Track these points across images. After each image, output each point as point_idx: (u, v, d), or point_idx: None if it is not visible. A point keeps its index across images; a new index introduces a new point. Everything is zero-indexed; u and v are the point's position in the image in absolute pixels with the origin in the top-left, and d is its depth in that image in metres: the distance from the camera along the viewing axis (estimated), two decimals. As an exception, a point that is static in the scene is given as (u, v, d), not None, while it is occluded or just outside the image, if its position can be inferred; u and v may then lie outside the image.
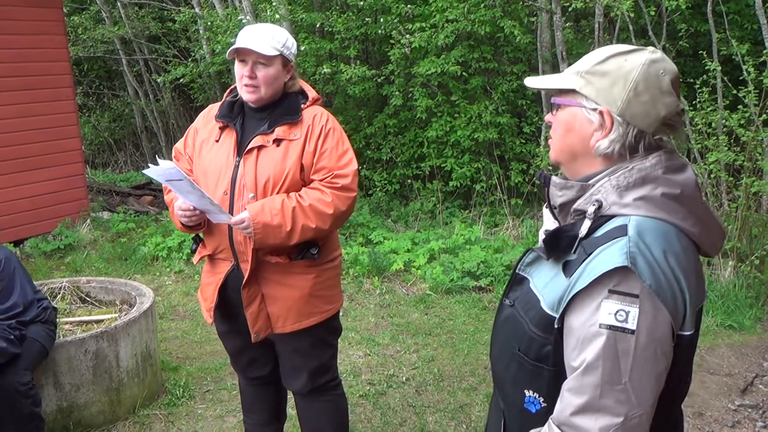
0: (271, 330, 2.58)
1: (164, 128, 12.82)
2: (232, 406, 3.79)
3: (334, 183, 2.45)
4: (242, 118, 2.54)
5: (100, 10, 12.85)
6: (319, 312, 2.60)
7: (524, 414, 1.44)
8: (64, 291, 4.19)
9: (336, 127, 2.53)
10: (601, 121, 1.35)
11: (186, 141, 2.69)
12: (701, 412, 3.71)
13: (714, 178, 5.63)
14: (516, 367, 1.43)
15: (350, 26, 8.23)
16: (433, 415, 3.70)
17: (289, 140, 2.45)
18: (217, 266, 2.62)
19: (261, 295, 2.54)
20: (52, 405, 3.41)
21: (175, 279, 6.11)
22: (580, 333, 1.27)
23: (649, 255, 1.25)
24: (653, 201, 1.31)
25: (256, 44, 2.40)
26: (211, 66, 10.29)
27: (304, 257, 2.52)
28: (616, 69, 1.34)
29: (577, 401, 1.26)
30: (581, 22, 8.97)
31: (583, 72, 1.37)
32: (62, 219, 7.24)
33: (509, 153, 7.93)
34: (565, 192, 1.39)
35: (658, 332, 1.25)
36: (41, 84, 7.08)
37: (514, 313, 1.46)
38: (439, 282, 5.57)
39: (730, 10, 7.09)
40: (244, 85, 2.47)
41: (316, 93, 2.61)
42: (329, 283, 2.64)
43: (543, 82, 1.47)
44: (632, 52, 1.36)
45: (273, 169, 2.43)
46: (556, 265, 1.39)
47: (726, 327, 4.75)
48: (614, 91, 1.33)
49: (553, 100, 1.45)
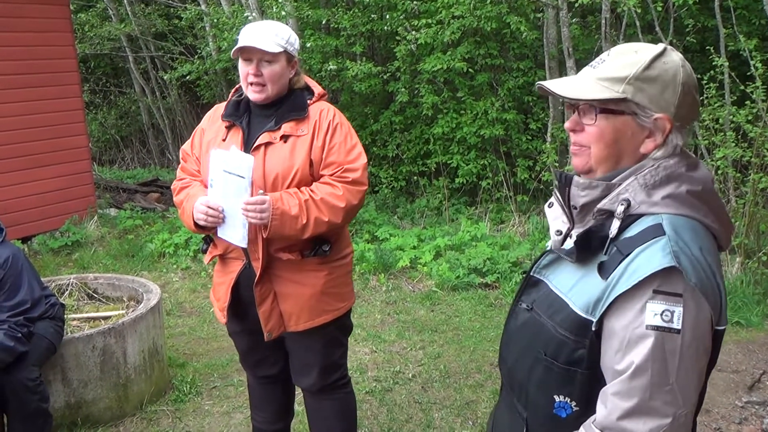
0: (283, 328, 2.57)
1: (171, 125, 12.84)
2: (239, 403, 3.80)
3: (344, 177, 2.44)
4: (248, 116, 2.53)
5: (106, 7, 12.87)
6: (331, 309, 2.59)
7: (553, 420, 1.40)
8: (71, 287, 4.21)
9: (343, 122, 2.52)
10: (655, 127, 1.33)
11: (193, 142, 2.68)
12: (708, 409, 3.70)
13: (721, 174, 5.61)
14: (542, 372, 1.40)
15: (356, 23, 8.22)
16: (440, 411, 3.71)
17: (296, 136, 2.44)
18: (228, 265, 2.61)
19: (273, 293, 2.53)
20: (60, 401, 3.43)
21: (182, 276, 6.13)
22: (624, 335, 1.25)
23: (689, 253, 1.25)
24: (679, 198, 1.31)
25: (260, 42, 2.39)
26: (217, 63, 10.29)
27: (316, 254, 2.50)
28: (663, 73, 1.32)
29: (626, 405, 1.24)
30: (588, 18, 8.93)
31: (630, 79, 1.32)
32: (70, 216, 7.27)
33: (515, 149, 7.91)
34: (589, 192, 1.37)
35: (700, 329, 1.25)
36: (48, 81, 7.10)
37: (534, 316, 1.43)
38: (445, 279, 5.57)
39: (737, 5, 7.04)
40: (250, 84, 2.45)
41: (321, 88, 2.60)
42: (341, 280, 2.63)
43: (580, 91, 1.37)
44: (664, 53, 1.34)
45: (281, 165, 2.42)
46: (582, 267, 1.36)
47: (733, 324, 4.74)
48: (666, 96, 1.32)
49: (597, 109, 1.36)
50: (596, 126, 1.36)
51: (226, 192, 2.40)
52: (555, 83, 1.41)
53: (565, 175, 1.42)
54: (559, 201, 1.46)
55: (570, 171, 1.46)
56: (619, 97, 1.33)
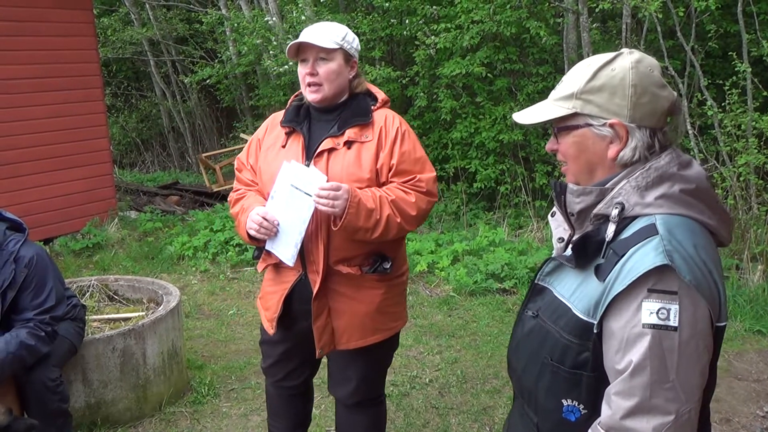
0: (333, 346, 2.47)
1: (191, 129, 12.95)
2: (257, 405, 3.82)
3: (418, 186, 2.35)
4: (308, 122, 2.44)
5: (129, 12, 13.03)
6: (384, 329, 2.50)
7: (563, 424, 1.42)
8: (92, 289, 4.25)
9: (410, 130, 2.43)
10: (613, 133, 1.37)
11: (249, 151, 2.59)
12: (728, 418, 3.66)
13: (743, 181, 5.55)
14: (550, 377, 1.42)
15: (375, 27, 8.25)
16: (456, 417, 3.70)
17: (360, 142, 2.35)
18: (283, 275, 2.50)
19: (328, 308, 2.43)
20: (80, 401, 3.47)
21: (201, 278, 6.17)
22: (622, 335, 1.28)
23: (683, 251, 1.27)
24: (673, 198, 1.34)
25: (314, 38, 2.31)
26: (237, 67, 10.38)
27: (376, 271, 2.41)
28: (609, 80, 1.36)
29: (628, 404, 1.26)
30: (608, 23, 8.89)
31: (576, 94, 1.38)
32: (91, 218, 7.35)
33: (534, 155, 7.89)
34: (584, 198, 1.41)
35: (699, 326, 1.26)
36: (72, 85, 7.20)
37: (540, 323, 1.46)
38: (463, 284, 5.56)
39: (760, 11, 6.98)
40: (307, 85, 2.37)
41: (384, 95, 2.50)
42: (397, 299, 2.55)
43: (536, 116, 1.46)
44: (614, 60, 1.38)
45: (345, 172, 2.31)
46: (582, 272, 1.39)
47: (755, 332, 4.68)
48: (616, 102, 1.36)
49: (555, 129, 1.45)
50: (561, 143, 1.45)
51: (287, 206, 2.32)
52: (519, 114, 1.50)
53: (559, 184, 1.47)
54: (560, 209, 1.50)
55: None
56: (569, 113, 1.40)
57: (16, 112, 6.73)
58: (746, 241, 5.48)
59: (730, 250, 5.55)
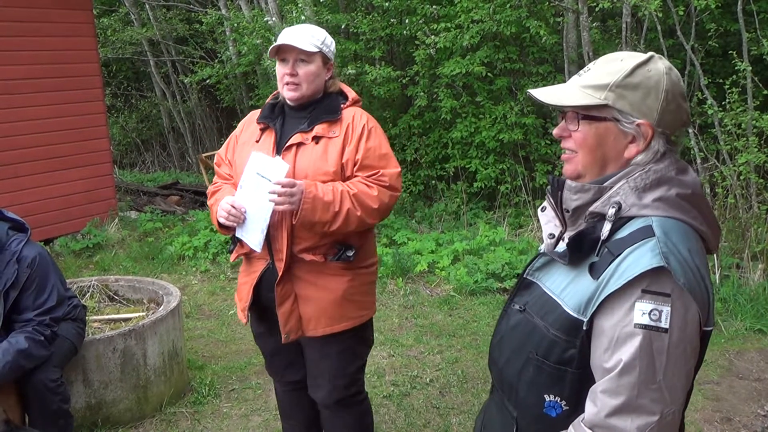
0: (302, 332, 2.56)
1: (191, 129, 12.94)
2: (257, 405, 3.82)
3: (381, 180, 2.46)
4: (282, 118, 2.57)
5: (128, 12, 13.02)
6: (351, 317, 2.58)
7: (543, 419, 1.43)
8: (93, 289, 4.25)
9: (377, 127, 2.54)
10: (637, 133, 1.37)
11: (227, 147, 2.71)
12: (729, 417, 3.66)
13: (743, 180, 5.55)
14: (533, 371, 1.43)
15: (375, 27, 8.24)
16: (457, 416, 3.70)
17: (328, 138, 2.46)
18: (252, 265, 2.63)
19: (294, 295, 2.54)
20: (81, 401, 3.47)
21: (201, 278, 6.17)
22: (612, 334, 1.28)
23: (678, 254, 1.28)
24: (669, 201, 1.34)
25: (296, 41, 2.43)
26: (237, 67, 10.37)
27: (340, 259, 2.50)
28: (645, 80, 1.36)
29: (614, 402, 1.27)
30: (608, 22, 8.89)
31: (611, 86, 1.37)
32: (91, 218, 7.35)
33: (534, 154, 7.89)
34: (581, 195, 1.41)
35: (688, 329, 1.27)
36: (72, 85, 7.20)
37: (527, 317, 1.46)
38: (463, 283, 5.56)
39: (761, 9, 6.97)
40: (285, 84, 2.49)
41: (355, 94, 2.62)
42: (364, 288, 2.62)
43: (560, 98, 1.43)
44: (648, 61, 1.38)
45: (312, 166, 2.44)
46: (574, 269, 1.40)
47: (755, 331, 4.68)
48: (648, 103, 1.36)
49: (579, 115, 1.42)
50: (580, 132, 1.42)
51: (254, 194, 2.43)
52: (541, 91, 1.47)
53: (557, 179, 1.46)
54: (552, 205, 1.50)
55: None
56: (601, 103, 1.38)
57: (17, 112, 6.73)
58: (747, 239, 5.48)
59: (730, 249, 5.55)
